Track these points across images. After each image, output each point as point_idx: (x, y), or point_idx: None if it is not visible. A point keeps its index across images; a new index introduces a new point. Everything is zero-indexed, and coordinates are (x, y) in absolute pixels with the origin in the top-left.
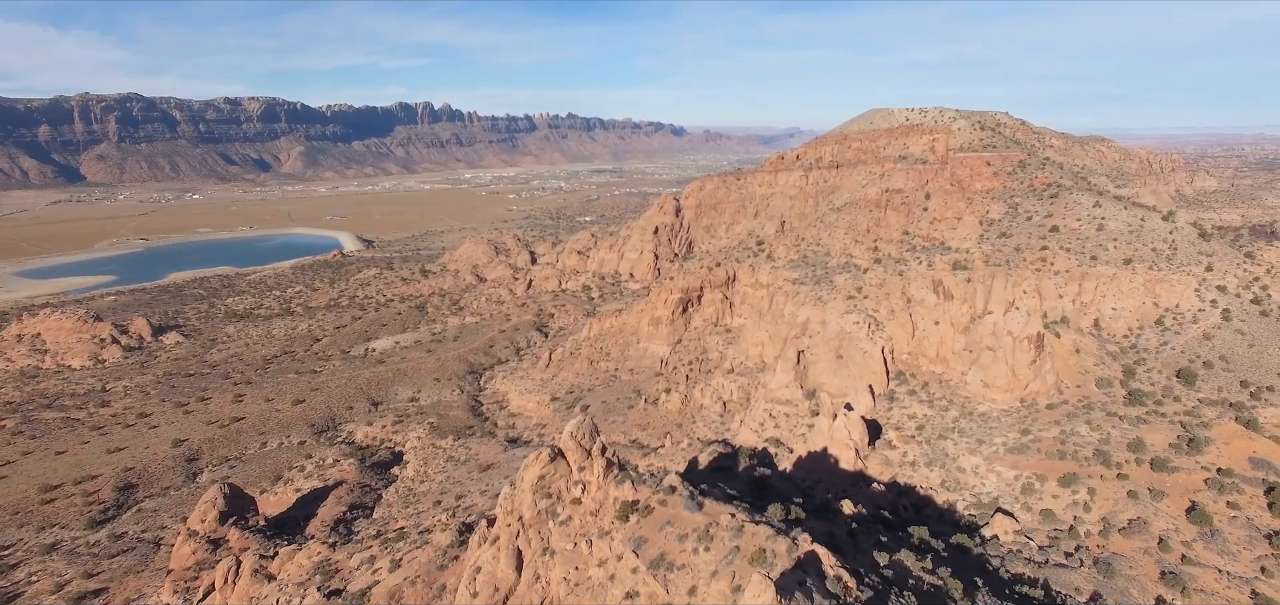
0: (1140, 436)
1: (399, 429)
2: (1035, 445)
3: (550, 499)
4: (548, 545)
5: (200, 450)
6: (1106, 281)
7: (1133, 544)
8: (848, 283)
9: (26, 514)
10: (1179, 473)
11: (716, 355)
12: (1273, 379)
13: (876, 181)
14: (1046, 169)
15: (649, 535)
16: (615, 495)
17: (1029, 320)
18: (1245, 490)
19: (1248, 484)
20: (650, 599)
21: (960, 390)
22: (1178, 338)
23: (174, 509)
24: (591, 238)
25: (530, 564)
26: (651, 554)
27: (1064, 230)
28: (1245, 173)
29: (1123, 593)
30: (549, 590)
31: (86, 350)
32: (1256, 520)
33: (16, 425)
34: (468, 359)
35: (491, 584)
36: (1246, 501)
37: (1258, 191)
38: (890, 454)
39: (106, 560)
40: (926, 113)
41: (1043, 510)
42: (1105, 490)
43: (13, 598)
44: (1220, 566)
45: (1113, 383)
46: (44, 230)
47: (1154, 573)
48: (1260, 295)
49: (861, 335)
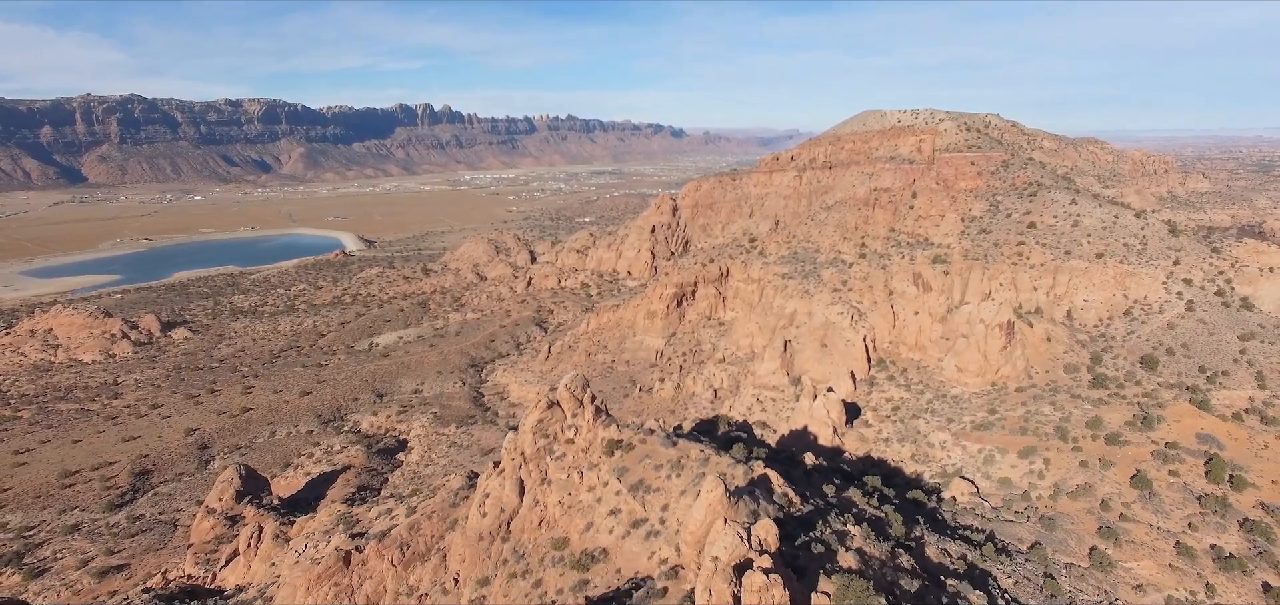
0: (1099, 416)
1: (403, 419)
2: (1000, 423)
3: (547, 439)
4: (546, 476)
5: (211, 439)
6: (1079, 274)
7: (1078, 505)
8: (834, 276)
9: (48, 498)
10: (1129, 446)
11: (709, 347)
12: (1228, 364)
13: (867, 181)
14: (1028, 168)
15: (630, 466)
16: (603, 436)
17: (1000, 309)
18: (1187, 460)
19: (1190, 455)
20: (630, 514)
21: (936, 375)
22: (1144, 327)
23: (188, 493)
24: (590, 237)
25: (531, 491)
26: (632, 480)
27: (1041, 226)
28: (1240, 174)
29: (1061, 543)
30: (547, 511)
31: (97, 345)
32: (1192, 485)
33: (33, 416)
34: (469, 353)
35: (498, 506)
36: (1186, 470)
37: (1249, 193)
38: (866, 432)
39: (127, 540)
40: (917, 114)
41: (1001, 478)
42: (1059, 461)
43: (41, 572)
44: (1152, 522)
45: (1079, 368)
46: (48, 230)
47: (1093, 528)
48: (1223, 287)
49: (845, 325)
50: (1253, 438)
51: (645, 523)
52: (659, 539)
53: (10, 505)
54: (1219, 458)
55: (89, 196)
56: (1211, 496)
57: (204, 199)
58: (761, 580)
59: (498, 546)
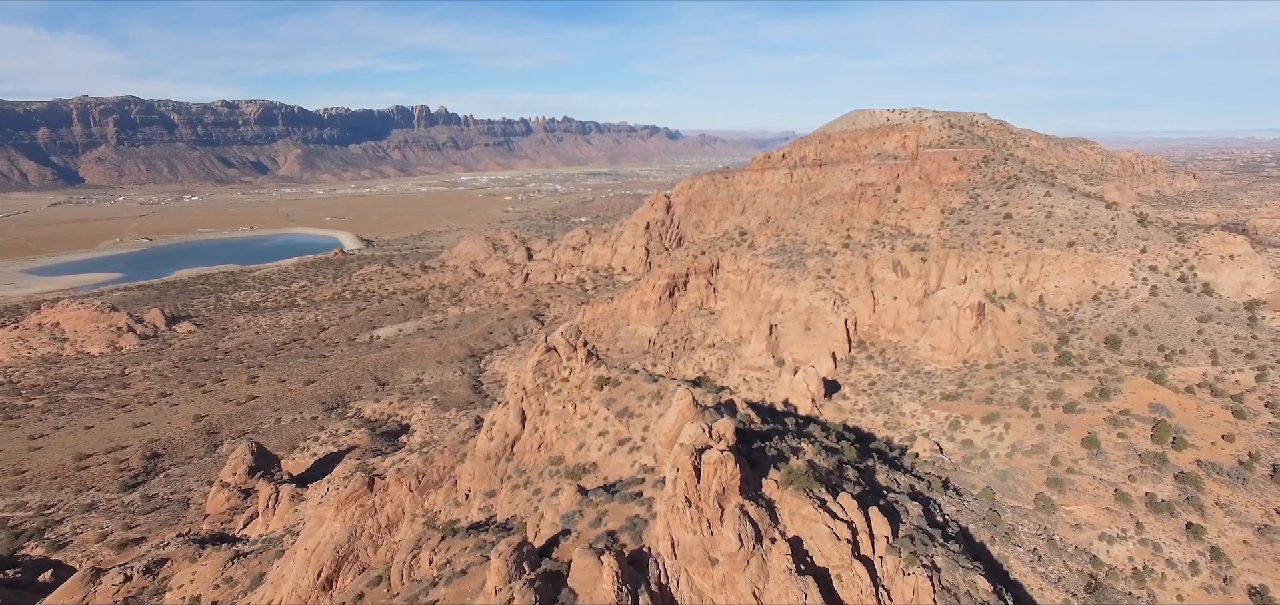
0: (1061, 389)
1: (405, 405)
2: (968, 394)
3: (546, 377)
4: (544, 408)
5: (219, 424)
6: (1051, 262)
7: (1030, 461)
8: (818, 264)
9: (64, 479)
10: (1085, 414)
11: (700, 334)
12: (1186, 344)
13: (854, 177)
14: (1009, 164)
15: (617, 397)
16: (593, 374)
17: (971, 292)
18: (1136, 425)
19: (1140, 421)
20: (616, 435)
21: (911, 354)
22: (1110, 310)
23: (199, 474)
24: (586, 234)
25: (531, 420)
26: (618, 407)
27: (1016, 217)
28: (1229, 175)
29: (1010, 490)
30: (545, 437)
31: (104, 338)
32: (1138, 445)
33: (45, 405)
34: (468, 344)
35: (503, 432)
36: (1135, 433)
37: (1235, 192)
38: (843, 403)
39: (142, 516)
40: (906, 113)
41: (964, 440)
42: (1019, 426)
43: (62, 545)
44: (1097, 475)
45: (1047, 348)
46: (47, 230)
47: (1042, 478)
48: (1187, 274)
49: (827, 309)
50: (1201, 407)
51: (629, 440)
52: (640, 452)
53: (28, 486)
54: (1166, 423)
55: (86, 197)
56: (1153, 454)
57: (201, 200)
58: (717, 456)
59: (502, 465)
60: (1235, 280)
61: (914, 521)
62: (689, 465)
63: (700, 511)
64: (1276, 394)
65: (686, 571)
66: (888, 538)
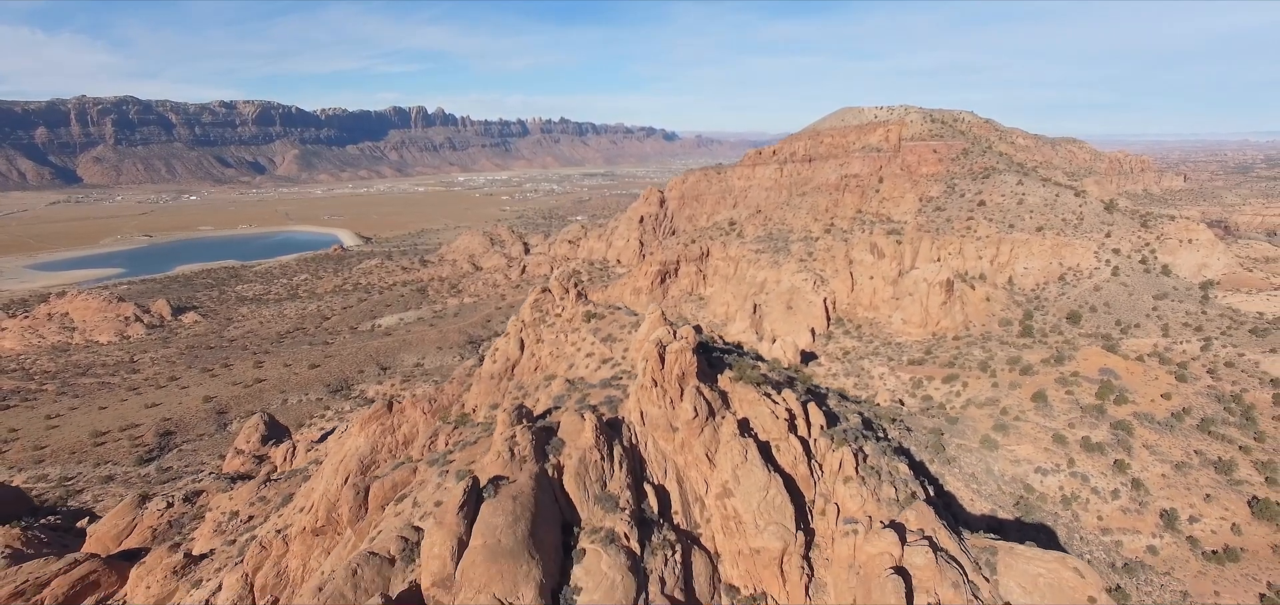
0: (1020, 355)
1: (407, 387)
2: (934, 360)
3: (541, 313)
4: (540, 337)
5: (228, 405)
6: (1020, 245)
7: (982, 411)
8: (801, 249)
9: (82, 454)
10: (1038, 376)
11: (690, 316)
12: (1141, 319)
13: (840, 170)
14: (987, 156)
15: (602, 327)
16: (582, 309)
17: (941, 270)
18: (1084, 384)
19: (1088, 382)
20: (600, 355)
21: (884, 328)
22: (1074, 290)
23: (211, 450)
24: (582, 229)
25: (528, 346)
26: (603, 334)
27: (990, 204)
28: (1219, 175)
29: (959, 432)
30: (540, 360)
31: (112, 327)
32: (1082, 401)
33: (58, 389)
34: (467, 331)
35: (505, 357)
36: (1082, 391)
37: (1222, 191)
38: (817, 368)
39: (158, 487)
40: (892, 110)
41: (924, 395)
42: (976, 385)
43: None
44: (1039, 422)
45: (1012, 322)
46: (47, 228)
47: (989, 424)
48: (1147, 256)
49: (808, 289)
50: (1147, 371)
51: (611, 359)
52: (620, 368)
53: (48, 460)
54: (1110, 383)
55: (85, 196)
56: (1094, 406)
57: (199, 199)
58: (679, 346)
59: (504, 383)
60: (1192, 262)
61: (854, 428)
62: (655, 354)
63: (664, 390)
64: (1217, 361)
65: (652, 437)
66: (822, 426)
